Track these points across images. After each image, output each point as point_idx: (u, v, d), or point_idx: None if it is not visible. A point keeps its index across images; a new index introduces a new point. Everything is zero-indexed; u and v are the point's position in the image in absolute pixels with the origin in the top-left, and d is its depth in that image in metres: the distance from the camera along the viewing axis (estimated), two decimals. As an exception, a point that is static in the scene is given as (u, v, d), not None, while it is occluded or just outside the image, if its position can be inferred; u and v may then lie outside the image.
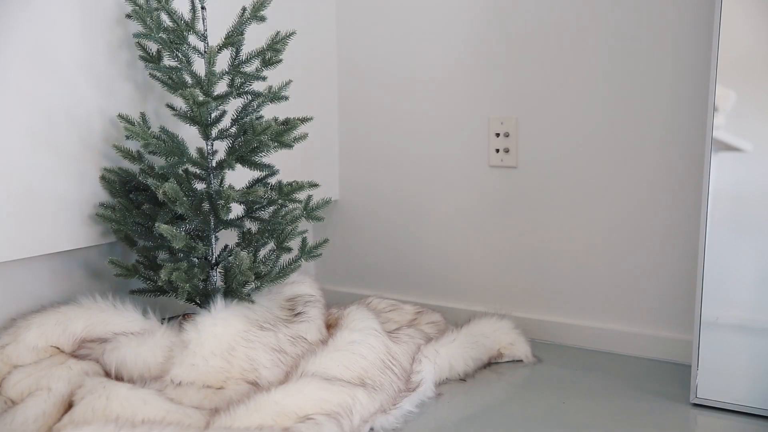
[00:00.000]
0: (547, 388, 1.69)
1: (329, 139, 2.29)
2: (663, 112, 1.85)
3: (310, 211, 1.75)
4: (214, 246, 1.70)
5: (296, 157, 2.14)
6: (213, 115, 1.68)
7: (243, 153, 1.67)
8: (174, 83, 1.66)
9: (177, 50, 1.65)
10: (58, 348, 1.53)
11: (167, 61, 1.71)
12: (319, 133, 2.24)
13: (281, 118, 1.75)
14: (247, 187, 1.73)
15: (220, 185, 1.72)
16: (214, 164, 1.70)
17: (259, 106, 1.72)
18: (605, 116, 1.91)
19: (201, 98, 1.61)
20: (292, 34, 1.72)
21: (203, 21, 1.69)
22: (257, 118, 1.72)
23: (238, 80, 1.70)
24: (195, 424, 1.34)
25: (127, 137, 1.60)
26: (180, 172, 1.67)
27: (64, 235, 1.61)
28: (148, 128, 1.64)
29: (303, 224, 1.81)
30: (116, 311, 1.60)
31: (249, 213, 1.71)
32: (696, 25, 1.79)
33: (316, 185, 1.75)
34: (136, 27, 1.69)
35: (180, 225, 1.64)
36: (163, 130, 1.66)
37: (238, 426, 1.33)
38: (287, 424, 1.34)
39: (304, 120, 1.73)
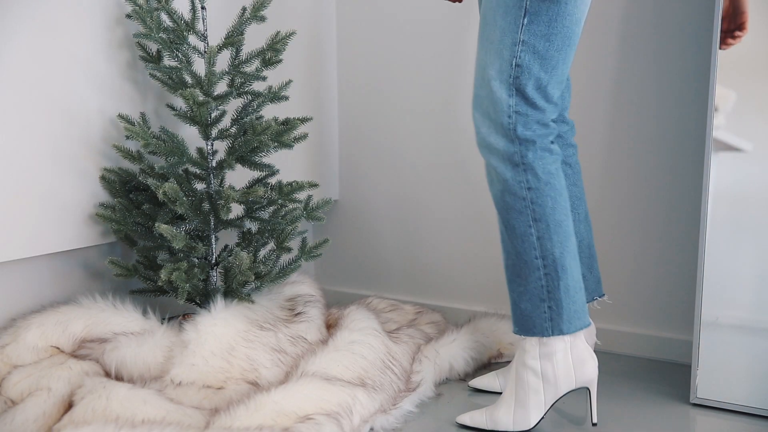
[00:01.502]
0: (547, 388, 1.69)
1: (329, 139, 2.29)
2: (663, 112, 1.85)
3: (310, 211, 1.75)
4: (214, 246, 1.70)
5: (296, 157, 2.14)
6: (213, 115, 1.68)
7: (243, 153, 1.67)
8: (174, 83, 1.66)
9: (177, 50, 1.65)
10: (58, 348, 1.53)
11: (167, 61, 1.71)
12: (319, 133, 2.24)
13: (281, 118, 1.75)
14: (247, 187, 1.73)
15: (220, 185, 1.72)
16: (214, 164, 1.70)
17: (259, 106, 1.72)
18: (605, 116, 1.91)
19: (201, 98, 1.61)
20: (292, 34, 1.72)
21: (203, 21, 1.69)
22: (257, 118, 1.72)
23: (238, 80, 1.71)
24: (195, 424, 1.34)
25: (127, 137, 1.60)
26: (180, 172, 1.67)
27: (64, 235, 1.61)
28: (148, 128, 1.64)
29: (303, 224, 1.81)
30: (116, 311, 1.60)
31: (249, 213, 1.72)
32: (696, 25, 1.79)
33: (316, 185, 1.75)
34: (136, 27, 1.69)
35: (180, 225, 1.64)
36: (163, 130, 1.66)
37: (238, 426, 1.33)
38: (287, 424, 1.34)
39: (304, 120, 1.73)
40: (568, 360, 1.42)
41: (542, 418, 1.43)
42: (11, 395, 1.41)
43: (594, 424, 1.46)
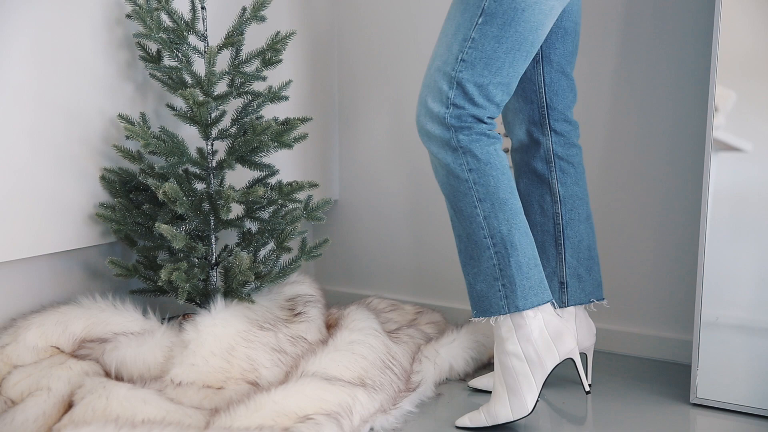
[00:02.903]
0: (547, 388, 1.69)
1: (329, 139, 2.30)
2: (663, 112, 1.85)
3: (310, 211, 1.75)
4: (214, 246, 1.70)
5: (296, 157, 2.14)
6: (213, 115, 1.68)
7: (243, 153, 1.67)
8: (174, 83, 1.66)
9: (177, 50, 1.65)
10: (58, 348, 1.53)
11: (167, 61, 1.71)
12: (319, 133, 2.24)
13: (281, 118, 1.75)
14: (247, 187, 1.73)
15: (220, 185, 1.72)
16: (214, 164, 1.70)
17: (259, 106, 1.72)
18: (605, 117, 1.91)
19: (201, 98, 1.61)
20: (292, 34, 1.72)
21: (203, 21, 1.69)
22: (257, 118, 1.72)
23: (238, 80, 1.71)
24: (195, 424, 1.34)
25: (127, 137, 1.60)
26: (180, 172, 1.67)
27: (64, 235, 1.61)
28: (148, 128, 1.64)
29: (303, 224, 1.81)
30: (116, 311, 1.60)
31: (249, 213, 1.72)
32: (696, 25, 1.79)
33: (316, 185, 1.75)
34: (136, 27, 1.69)
35: (180, 225, 1.64)
36: (163, 130, 1.66)
37: (238, 426, 1.33)
38: (287, 424, 1.34)
39: (304, 120, 1.73)
40: (546, 336, 1.46)
41: (538, 400, 1.45)
42: (11, 395, 1.41)
43: (587, 392, 1.54)
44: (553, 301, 1.52)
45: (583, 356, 1.78)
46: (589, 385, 1.54)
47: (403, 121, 2.20)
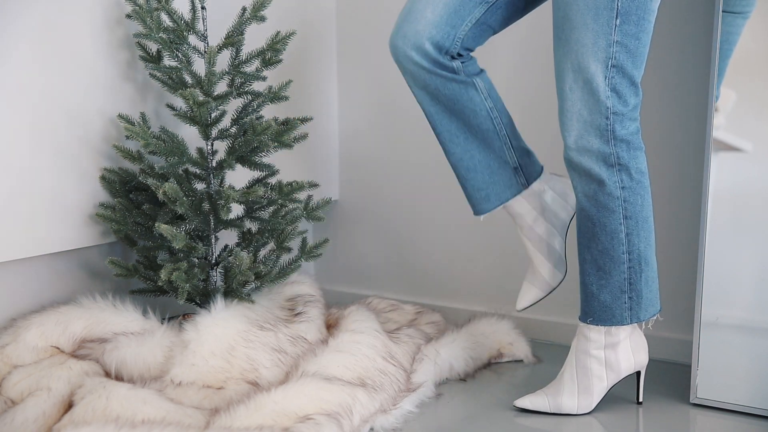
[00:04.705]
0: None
1: (329, 139, 2.29)
2: (663, 112, 1.85)
3: (310, 211, 1.75)
4: (214, 246, 1.70)
5: (296, 157, 2.14)
6: (213, 115, 1.68)
7: (243, 153, 1.67)
8: (174, 83, 1.66)
9: (177, 50, 1.65)
10: (58, 348, 1.53)
11: (167, 61, 1.71)
12: (319, 133, 2.24)
13: (281, 118, 1.75)
14: (247, 187, 1.73)
15: (220, 185, 1.72)
16: (214, 164, 1.70)
17: (259, 106, 1.72)
18: (605, 116, 1.91)
19: (201, 98, 1.62)
20: (292, 34, 1.72)
21: (203, 21, 1.69)
22: (257, 118, 1.72)
23: (238, 80, 1.71)
24: (195, 424, 1.34)
25: (127, 137, 1.60)
26: (180, 172, 1.67)
27: (64, 235, 1.61)
28: (148, 128, 1.64)
29: (303, 224, 1.81)
30: (116, 311, 1.60)
31: (249, 213, 1.72)
32: (696, 25, 1.79)
33: (316, 185, 1.75)
34: (136, 27, 1.69)
35: (180, 225, 1.64)
36: (163, 130, 1.66)
37: (238, 426, 1.33)
38: (287, 424, 1.34)
39: (304, 120, 1.73)
40: (628, 346, 1.53)
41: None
42: (11, 395, 1.41)
43: (640, 403, 1.59)
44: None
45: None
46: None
47: (402, 120, 2.20)
